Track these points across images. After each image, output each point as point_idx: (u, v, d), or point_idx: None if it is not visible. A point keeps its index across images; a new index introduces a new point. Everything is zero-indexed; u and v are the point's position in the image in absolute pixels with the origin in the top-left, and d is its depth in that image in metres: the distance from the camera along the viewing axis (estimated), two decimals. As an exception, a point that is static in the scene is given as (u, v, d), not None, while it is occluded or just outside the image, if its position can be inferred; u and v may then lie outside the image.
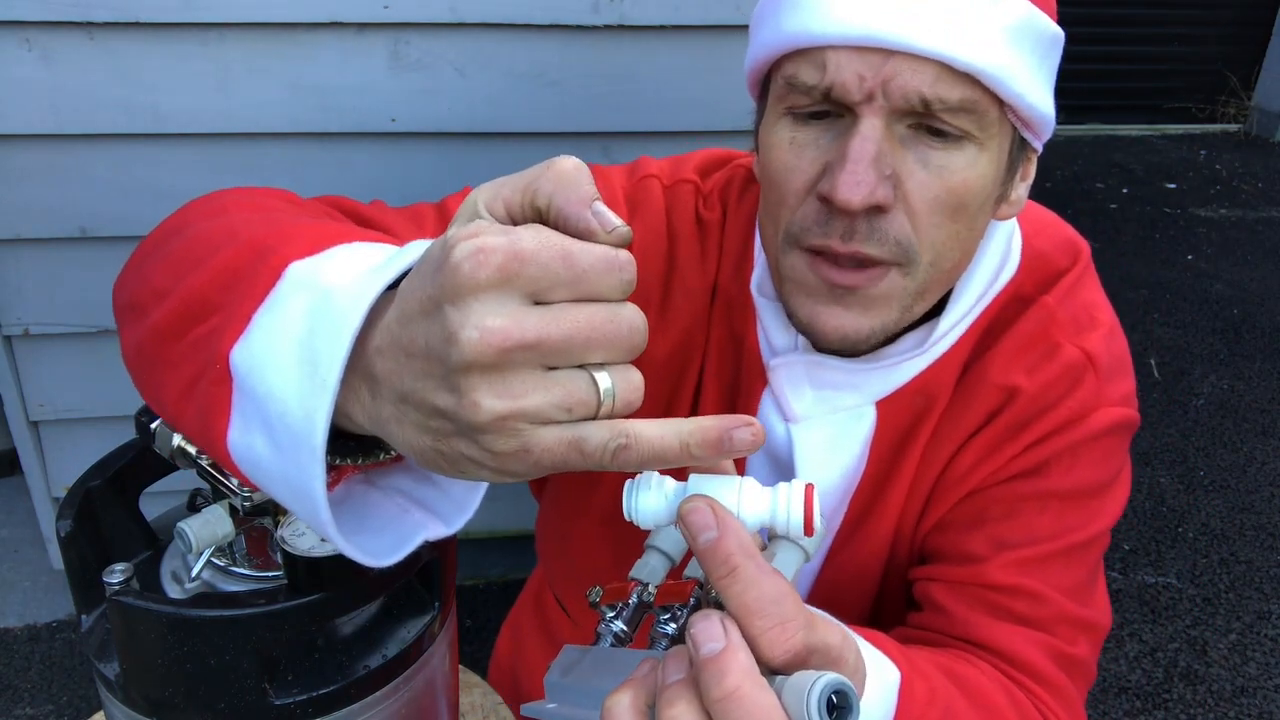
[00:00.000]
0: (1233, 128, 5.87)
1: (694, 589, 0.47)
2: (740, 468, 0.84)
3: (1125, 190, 4.78)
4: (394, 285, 0.42)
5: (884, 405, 0.78)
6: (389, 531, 0.49)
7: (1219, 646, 2.08)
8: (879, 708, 0.57)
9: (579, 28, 1.51)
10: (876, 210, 0.65)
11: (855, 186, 0.63)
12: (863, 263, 0.67)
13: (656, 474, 0.45)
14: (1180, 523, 2.45)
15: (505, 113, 1.56)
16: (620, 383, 0.39)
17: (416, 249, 0.43)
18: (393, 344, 0.40)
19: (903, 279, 0.68)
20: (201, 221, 0.59)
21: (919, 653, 0.66)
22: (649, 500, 0.44)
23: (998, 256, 0.77)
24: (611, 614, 0.50)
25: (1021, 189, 0.74)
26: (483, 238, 0.37)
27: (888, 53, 0.62)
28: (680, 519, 0.42)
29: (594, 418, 0.39)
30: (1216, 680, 1.99)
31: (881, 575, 0.84)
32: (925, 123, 0.65)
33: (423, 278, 0.39)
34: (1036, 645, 0.74)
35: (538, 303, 0.38)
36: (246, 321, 0.45)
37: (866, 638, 0.61)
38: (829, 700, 0.37)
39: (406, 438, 0.41)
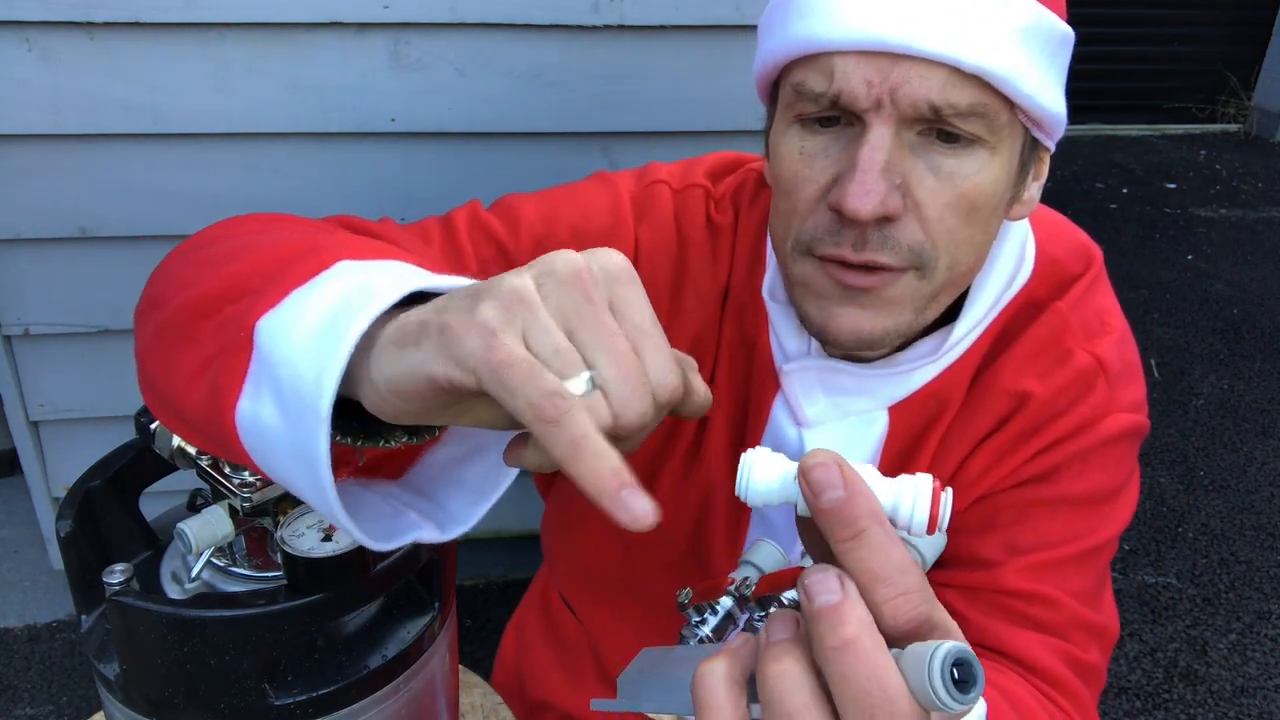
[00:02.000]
0: (1233, 128, 5.87)
1: (730, 586, 0.45)
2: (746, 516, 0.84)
3: (1125, 190, 4.78)
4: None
5: (896, 410, 0.78)
6: (384, 522, 0.49)
7: (1219, 646, 2.08)
8: None
9: (579, 28, 1.51)
10: (887, 219, 0.65)
11: (864, 197, 0.62)
12: (876, 269, 0.67)
13: (768, 449, 0.43)
14: (1180, 523, 2.45)
15: (505, 113, 1.56)
16: (597, 396, 0.38)
17: (461, 280, 0.44)
18: (430, 307, 0.41)
19: (918, 281, 0.68)
20: (238, 237, 0.60)
21: None
22: (762, 475, 0.42)
23: (1012, 262, 0.77)
24: (698, 618, 0.48)
25: (1034, 188, 0.74)
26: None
27: (895, 57, 0.62)
28: (801, 475, 0.39)
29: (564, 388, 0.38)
30: (1216, 680, 1.99)
31: None
32: (935, 127, 0.64)
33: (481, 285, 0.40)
34: (1053, 651, 0.74)
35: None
36: (283, 297, 0.46)
37: None
38: (952, 672, 0.34)
39: (393, 348, 0.40)
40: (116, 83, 1.43)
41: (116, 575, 0.59)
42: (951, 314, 0.76)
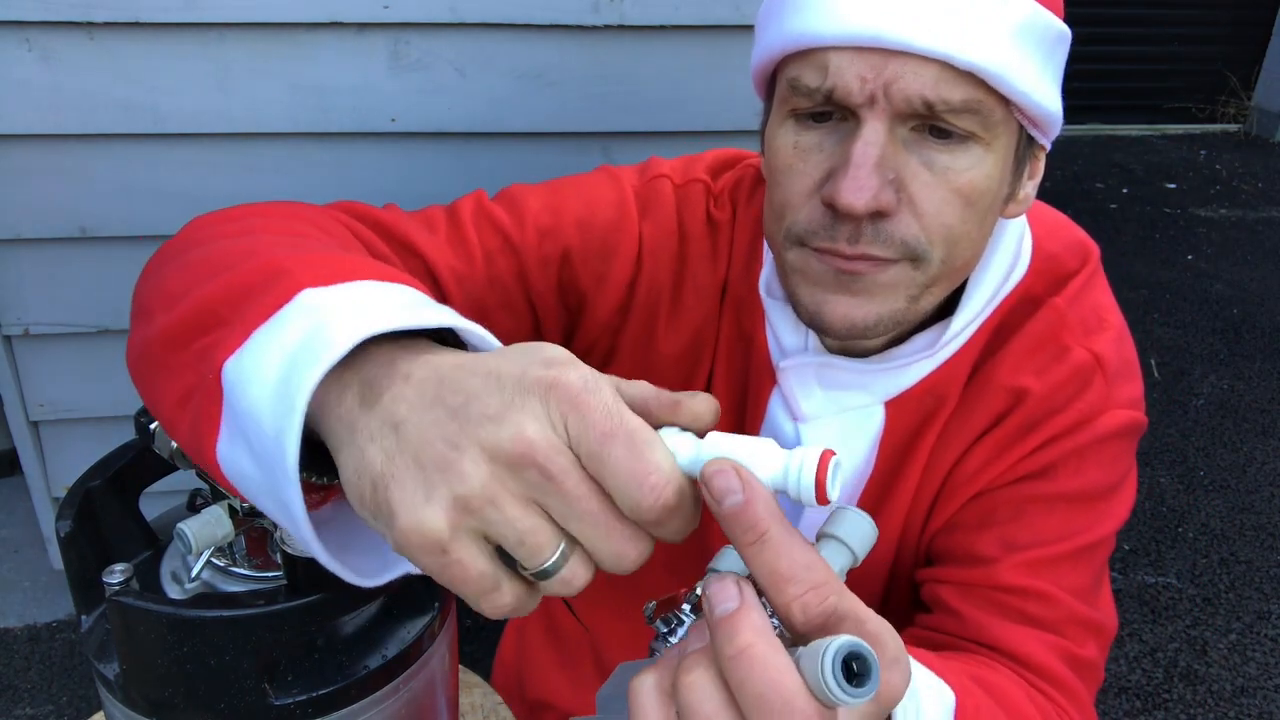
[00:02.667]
0: (1233, 128, 5.87)
1: (686, 594, 0.46)
2: None
3: (1125, 190, 4.78)
4: (401, 334, 0.43)
5: (893, 405, 0.78)
6: (375, 553, 0.49)
7: (1219, 646, 2.08)
8: None
9: (579, 28, 1.51)
10: (880, 215, 0.65)
11: (858, 191, 0.63)
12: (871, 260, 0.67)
13: (675, 430, 0.42)
14: (1180, 523, 2.45)
15: (505, 113, 1.56)
16: (571, 567, 0.39)
17: (436, 313, 0.44)
18: (432, 376, 0.40)
19: (912, 271, 0.68)
20: (225, 239, 0.60)
21: (950, 664, 0.65)
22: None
23: (1009, 257, 0.77)
24: (665, 629, 0.48)
25: (1029, 187, 0.74)
26: (598, 383, 0.38)
27: (889, 53, 0.62)
28: (702, 480, 0.39)
29: (525, 571, 0.39)
30: (1216, 680, 1.99)
31: (888, 576, 0.84)
32: (929, 124, 0.64)
33: (523, 356, 0.40)
34: (1048, 647, 0.74)
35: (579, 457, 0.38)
36: (246, 337, 0.46)
37: (915, 657, 0.60)
38: (848, 665, 0.35)
39: (363, 455, 0.40)
40: (116, 83, 1.43)
41: (116, 575, 0.59)
42: (948, 309, 0.76)
